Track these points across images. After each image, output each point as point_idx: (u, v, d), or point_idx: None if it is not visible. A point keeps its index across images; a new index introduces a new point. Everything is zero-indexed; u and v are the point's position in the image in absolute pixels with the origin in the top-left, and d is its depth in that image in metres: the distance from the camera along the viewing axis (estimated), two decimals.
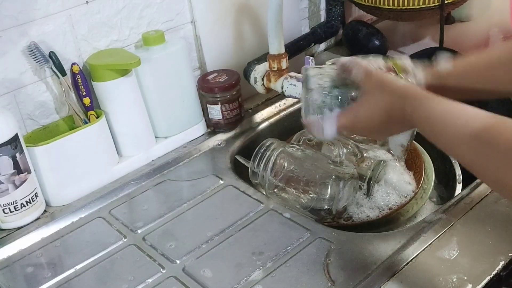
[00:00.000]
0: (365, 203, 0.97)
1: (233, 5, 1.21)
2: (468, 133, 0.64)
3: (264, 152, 0.99)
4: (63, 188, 1.00)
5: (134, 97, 1.06)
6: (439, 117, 0.69)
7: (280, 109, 1.25)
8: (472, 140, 0.64)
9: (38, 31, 0.97)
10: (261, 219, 0.93)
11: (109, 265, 0.87)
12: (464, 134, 0.65)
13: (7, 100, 0.97)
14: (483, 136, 0.63)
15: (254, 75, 1.17)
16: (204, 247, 0.88)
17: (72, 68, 1.01)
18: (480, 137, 0.63)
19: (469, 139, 0.64)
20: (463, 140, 0.65)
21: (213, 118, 1.17)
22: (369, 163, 0.99)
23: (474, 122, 0.64)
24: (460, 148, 0.66)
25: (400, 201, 0.97)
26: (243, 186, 1.01)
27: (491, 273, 0.77)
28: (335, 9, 1.38)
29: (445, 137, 0.68)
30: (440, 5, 1.17)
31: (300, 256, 0.84)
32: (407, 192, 0.98)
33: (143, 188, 1.03)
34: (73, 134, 0.99)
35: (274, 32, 1.08)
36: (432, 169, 1.03)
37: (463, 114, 0.67)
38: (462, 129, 0.65)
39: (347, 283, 0.78)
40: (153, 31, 1.09)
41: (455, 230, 0.85)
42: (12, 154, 0.91)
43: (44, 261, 0.89)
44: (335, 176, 0.94)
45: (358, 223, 0.95)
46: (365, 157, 1.00)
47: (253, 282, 0.81)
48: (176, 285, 0.82)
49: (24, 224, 0.96)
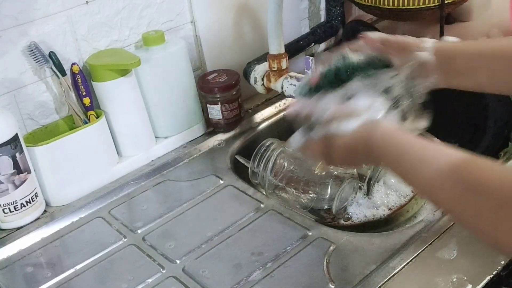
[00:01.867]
0: (365, 203, 0.97)
1: (233, 5, 1.21)
2: (436, 171, 0.60)
3: (264, 152, 0.99)
4: (63, 188, 1.00)
5: (134, 97, 1.06)
6: (402, 155, 0.65)
7: (280, 109, 1.25)
8: (442, 180, 0.59)
9: (38, 31, 0.97)
10: (261, 219, 0.93)
11: (109, 265, 0.87)
12: (432, 173, 0.60)
13: (7, 100, 0.97)
14: (453, 175, 0.58)
15: (254, 75, 1.17)
16: (203, 247, 0.88)
17: (72, 68, 1.01)
18: (449, 177, 0.59)
19: (438, 178, 0.60)
20: (431, 179, 0.61)
21: (213, 118, 1.17)
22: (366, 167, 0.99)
23: (441, 160, 0.60)
24: (430, 188, 0.62)
25: (400, 202, 0.97)
26: (243, 186, 1.01)
27: (491, 273, 0.77)
28: (335, 9, 1.38)
29: (413, 176, 0.64)
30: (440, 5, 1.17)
31: (300, 256, 0.84)
32: (406, 192, 0.98)
33: (143, 188, 1.03)
34: (73, 134, 0.99)
35: (274, 32, 1.08)
36: None
37: (427, 151, 0.63)
38: (429, 168, 0.61)
39: (347, 283, 0.78)
40: (153, 31, 1.09)
41: (455, 230, 0.85)
42: (12, 154, 0.91)
43: (44, 261, 0.89)
44: (335, 176, 0.94)
45: (357, 224, 0.95)
46: None
47: (252, 282, 0.81)
48: (176, 285, 0.82)
49: (24, 224, 0.96)
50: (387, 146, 0.66)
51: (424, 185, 0.63)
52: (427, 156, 0.62)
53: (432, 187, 0.61)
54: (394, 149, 0.66)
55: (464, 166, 0.58)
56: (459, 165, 0.59)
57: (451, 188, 0.58)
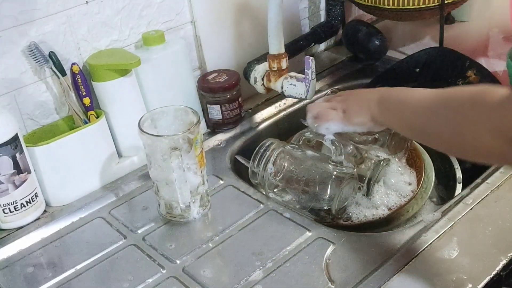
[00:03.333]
0: (364, 203, 0.97)
1: (233, 5, 1.21)
2: (422, 104, 0.76)
3: (264, 152, 0.99)
4: (63, 188, 1.00)
5: (134, 97, 1.06)
6: (394, 101, 0.83)
7: (280, 109, 1.25)
8: (426, 110, 0.75)
9: (38, 31, 0.97)
10: (261, 219, 0.93)
11: (109, 265, 0.87)
12: (420, 106, 0.76)
13: (7, 100, 0.97)
14: (435, 103, 0.74)
15: (254, 75, 1.17)
16: (204, 247, 0.88)
17: (72, 68, 1.01)
18: (433, 105, 0.74)
19: (422, 109, 0.76)
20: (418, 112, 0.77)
21: (213, 118, 1.17)
22: (369, 164, 0.99)
23: (425, 95, 0.76)
24: (417, 120, 0.78)
25: (400, 202, 0.97)
26: (243, 186, 1.01)
27: (491, 273, 0.77)
28: (335, 9, 1.38)
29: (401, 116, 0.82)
30: (440, 5, 1.17)
31: (300, 256, 0.84)
32: (406, 192, 0.98)
33: (143, 188, 1.03)
34: (73, 134, 0.99)
35: (274, 32, 1.08)
36: (432, 169, 1.03)
37: (416, 92, 0.79)
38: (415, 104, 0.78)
39: (347, 283, 0.78)
40: (153, 31, 1.09)
41: (455, 230, 0.85)
42: (12, 154, 0.91)
43: (44, 261, 0.89)
44: (335, 176, 0.94)
45: (357, 224, 0.95)
46: (364, 157, 1.00)
47: (253, 282, 0.81)
48: (176, 285, 0.82)
49: (24, 224, 0.96)
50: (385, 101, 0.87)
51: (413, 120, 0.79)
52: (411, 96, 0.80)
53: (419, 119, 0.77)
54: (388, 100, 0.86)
55: (441, 95, 0.74)
56: (437, 95, 0.74)
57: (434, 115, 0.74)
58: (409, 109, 0.80)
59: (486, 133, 0.65)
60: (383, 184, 0.99)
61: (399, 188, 0.99)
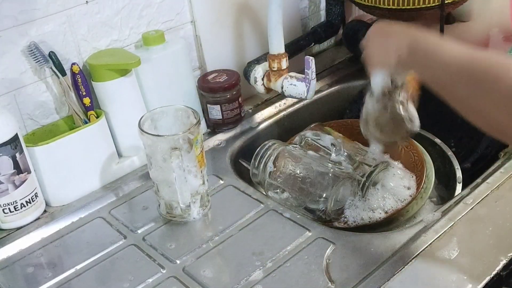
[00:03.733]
0: (361, 205, 0.97)
1: (233, 5, 1.21)
2: (453, 64, 0.71)
3: (265, 153, 0.99)
4: (63, 188, 1.00)
5: (134, 97, 1.06)
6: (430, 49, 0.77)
7: (280, 109, 1.25)
8: (454, 72, 0.71)
9: (38, 31, 0.97)
10: (261, 219, 0.93)
11: (109, 265, 0.87)
12: (447, 64, 0.72)
13: (7, 100, 0.97)
14: (465, 68, 0.70)
15: (254, 75, 1.17)
16: (204, 247, 0.88)
17: (72, 68, 1.01)
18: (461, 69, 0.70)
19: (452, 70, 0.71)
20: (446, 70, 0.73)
21: (213, 118, 1.17)
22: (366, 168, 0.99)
23: (460, 54, 0.71)
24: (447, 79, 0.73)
25: (396, 206, 0.97)
26: (243, 186, 1.01)
27: (491, 273, 0.77)
28: (335, 8, 1.38)
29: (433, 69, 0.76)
30: (440, 5, 1.17)
31: (300, 256, 0.84)
32: (404, 197, 0.98)
33: (143, 188, 1.03)
34: (73, 134, 0.99)
35: (274, 32, 1.08)
36: (432, 169, 1.03)
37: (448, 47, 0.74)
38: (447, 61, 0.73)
39: (347, 283, 0.78)
40: (153, 31, 1.09)
41: (455, 230, 0.85)
42: (12, 154, 0.91)
43: (44, 261, 0.89)
44: (332, 175, 0.94)
45: (352, 227, 0.95)
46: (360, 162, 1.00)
47: (253, 282, 0.81)
48: (176, 285, 0.82)
49: (24, 224, 0.96)
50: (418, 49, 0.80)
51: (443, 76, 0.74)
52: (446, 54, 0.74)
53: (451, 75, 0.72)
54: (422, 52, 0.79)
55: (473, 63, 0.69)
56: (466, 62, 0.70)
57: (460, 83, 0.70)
58: (437, 64, 0.76)
59: (505, 115, 0.64)
60: (381, 187, 0.99)
61: (397, 192, 0.98)
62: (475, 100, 0.68)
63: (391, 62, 0.85)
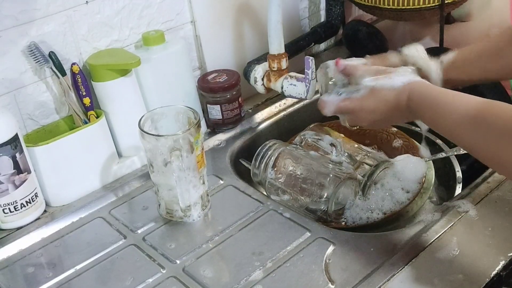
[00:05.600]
0: (360, 205, 0.97)
1: (233, 5, 1.21)
2: (464, 115, 0.72)
3: (265, 153, 0.99)
4: (63, 188, 1.00)
5: (134, 97, 1.06)
6: (435, 103, 0.77)
7: (280, 109, 1.25)
8: (468, 122, 0.71)
9: (38, 31, 0.97)
10: (261, 219, 0.93)
11: (109, 265, 0.87)
12: (459, 117, 0.72)
13: (7, 100, 0.97)
14: (478, 118, 0.70)
15: (254, 75, 1.17)
16: (204, 247, 0.88)
17: (72, 68, 1.01)
18: (475, 119, 0.70)
19: (464, 121, 0.72)
20: (459, 123, 0.73)
21: (213, 118, 1.17)
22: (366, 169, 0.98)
23: (468, 105, 0.72)
24: (457, 131, 0.74)
25: (394, 208, 0.96)
26: (243, 186, 1.01)
27: (491, 273, 0.77)
28: (335, 9, 1.38)
29: (443, 122, 0.76)
30: (440, 5, 1.17)
31: (300, 256, 0.84)
32: (402, 199, 0.97)
33: (143, 188, 1.03)
34: (73, 134, 0.99)
35: (274, 32, 1.08)
36: (432, 169, 1.03)
37: (457, 98, 0.74)
38: (456, 113, 0.73)
39: (347, 283, 0.78)
40: (153, 31, 1.09)
41: (455, 230, 0.85)
42: (12, 154, 0.91)
43: (44, 261, 0.89)
44: (333, 176, 0.94)
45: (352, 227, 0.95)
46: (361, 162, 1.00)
47: (253, 282, 0.81)
48: (176, 285, 0.82)
49: (24, 224, 0.96)
50: (423, 97, 0.79)
51: (452, 129, 0.74)
52: (455, 103, 0.74)
53: (460, 130, 0.73)
54: (429, 99, 0.78)
55: (485, 111, 0.70)
56: (481, 109, 0.70)
57: (474, 131, 0.71)
58: (448, 115, 0.75)
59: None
60: (381, 187, 0.98)
61: (396, 194, 0.98)
62: (495, 152, 0.69)
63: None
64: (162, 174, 0.90)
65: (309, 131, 1.09)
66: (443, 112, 0.75)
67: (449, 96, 0.76)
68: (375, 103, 0.84)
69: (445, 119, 0.75)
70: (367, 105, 0.85)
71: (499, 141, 0.67)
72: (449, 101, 0.75)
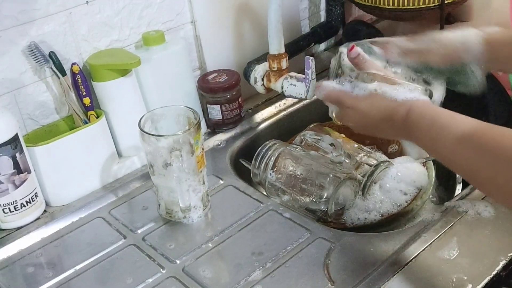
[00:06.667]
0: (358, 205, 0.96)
1: (233, 5, 1.21)
2: (459, 136, 0.69)
3: (265, 153, 0.99)
4: (63, 188, 1.00)
5: (134, 97, 1.06)
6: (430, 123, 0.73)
7: (280, 109, 1.25)
8: (461, 144, 0.68)
9: (38, 31, 0.97)
10: (261, 219, 0.93)
11: (109, 265, 0.87)
12: (453, 138, 0.69)
13: (7, 100, 0.97)
14: (472, 140, 0.68)
15: (254, 75, 1.17)
16: (204, 247, 0.88)
17: (72, 68, 1.01)
18: (468, 142, 0.68)
19: (458, 143, 0.69)
20: (452, 144, 0.69)
21: (213, 118, 1.17)
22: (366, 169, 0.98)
23: (464, 126, 0.69)
24: (450, 152, 0.70)
25: (392, 210, 0.96)
26: (243, 186, 1.01)
27: (491, 273, 0.77)
28: (335, 9, 1.38)
29: (436, 142, 0.72)
30: (440, 5, 1.17)
31: (300, 256, 0.84)
32: (400, 201, 0.97)
33: (143, 188, 1.03)
34: (73, 134, 0.99)
35: (274, 32, 1.08)
36: (432, 169, 1.03)
37: (452, 119, 0.71)
38: (451, 134, 0.70)
39: (347, 283, 0.78)
40: (153, 31, 1.09)
41: (455, 230, 0.85)
42: (12, 154, 0.91)
43: (44, 261, 0.89)
44: (333, 176, 0.94)
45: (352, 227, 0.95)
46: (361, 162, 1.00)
47: (253, 282, 0.81)
48: (176, 285, 0.82)
49: (24, 224, 0.96)
50: (422, 115, 0.75)
51: (446, 153, 0.71)
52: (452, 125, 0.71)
53: (453, 155, 0.70)
54: (426, 121, 0.74)
55: (480, 133, 0.68)
56: (474, 133, 0.68)
57: (469, 154, 0.68)
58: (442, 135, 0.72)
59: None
60: (379, 188, 0.98)
61: (394, 196, 0.97)
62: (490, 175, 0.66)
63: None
64: (162, 176, 0.90)
65: (309, 131, 1.08)
66: (441, 133, 0.71)
67: (448, 117, 0.72)
68: (369, 107, 0.80)
69: (438, 144, 0.72)
70: (360, 105, 0.80)
71: (495, 164, 0.65)
72: (446, 122, 0.72)
